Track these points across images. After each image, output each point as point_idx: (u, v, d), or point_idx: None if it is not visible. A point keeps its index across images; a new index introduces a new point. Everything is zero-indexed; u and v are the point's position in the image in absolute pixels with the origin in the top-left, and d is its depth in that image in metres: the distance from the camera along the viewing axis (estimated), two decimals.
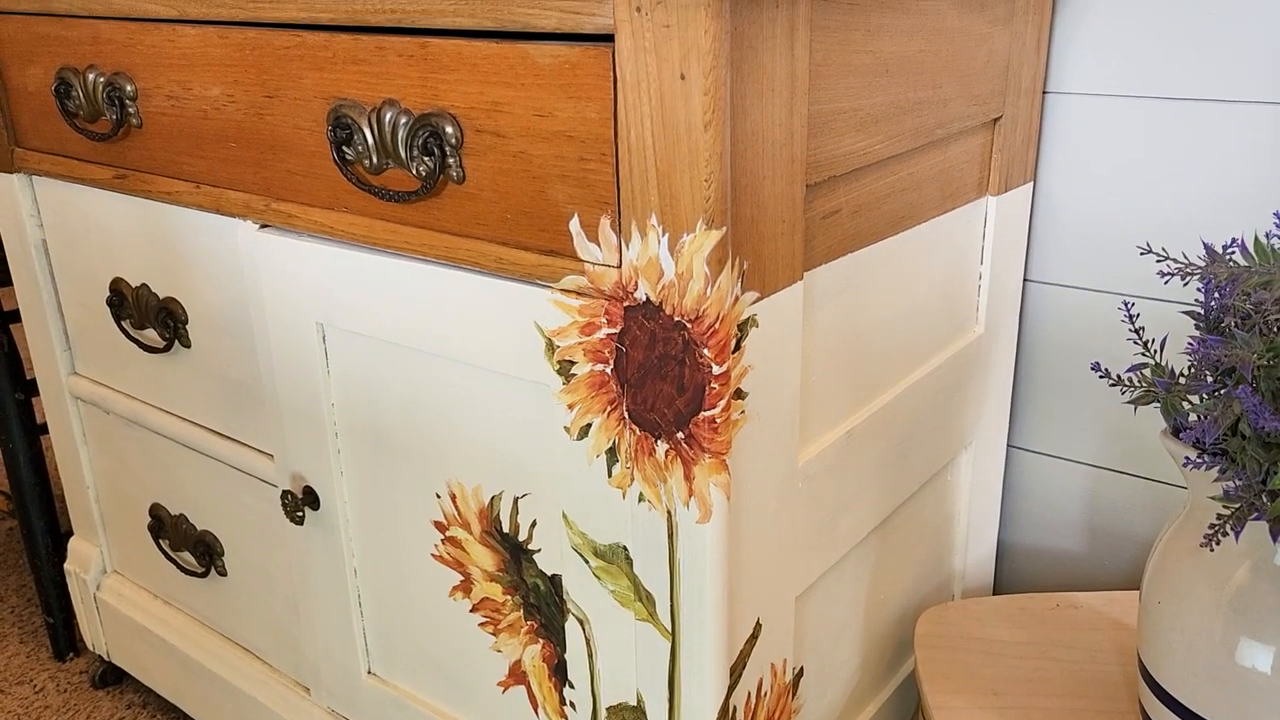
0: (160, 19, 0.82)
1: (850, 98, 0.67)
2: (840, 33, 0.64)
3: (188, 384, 0.98)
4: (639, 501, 0.66)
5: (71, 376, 1.12)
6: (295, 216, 0.79)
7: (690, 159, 0.56)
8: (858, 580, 0.85)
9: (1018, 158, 0.92)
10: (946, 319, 0.89)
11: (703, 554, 0.64)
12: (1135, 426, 1.00)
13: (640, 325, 0.62)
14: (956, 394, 0.92)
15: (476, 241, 0.69)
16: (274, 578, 0.99)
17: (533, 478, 0.73)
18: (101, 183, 0.95)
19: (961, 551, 1.03)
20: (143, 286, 0.98)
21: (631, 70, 0.57)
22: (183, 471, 1.04)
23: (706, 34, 0.53)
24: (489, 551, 0.78)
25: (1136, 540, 1.04)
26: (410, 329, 0.75)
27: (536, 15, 0.60)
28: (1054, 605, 0.92)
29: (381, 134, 0.70)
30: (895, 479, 0.85)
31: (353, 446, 0.85)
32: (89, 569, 1.21)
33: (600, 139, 0.60)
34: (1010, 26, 0.84)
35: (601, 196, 0.61)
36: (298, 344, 0.83)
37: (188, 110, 0.84)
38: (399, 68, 0.68)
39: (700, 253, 0.58)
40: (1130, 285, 0.96)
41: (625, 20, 0.56)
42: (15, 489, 1.26)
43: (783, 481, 0.69)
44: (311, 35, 0.72)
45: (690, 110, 0.55)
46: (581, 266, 0.64)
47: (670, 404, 0.62)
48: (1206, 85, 0.89)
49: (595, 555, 0.71)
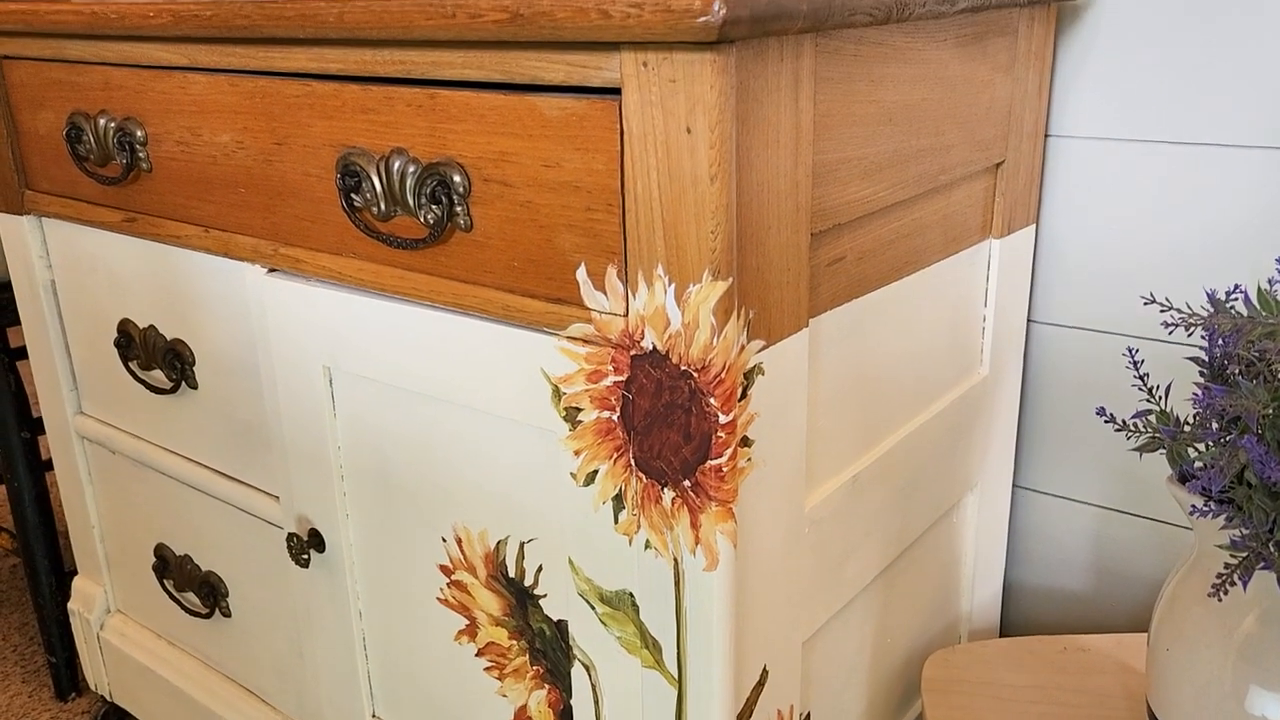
0: (172, 66, 0.83)
1: (854, 147, 0.67)
2: (844, 84, 0.65)
3: (194, 425, 0.99)
4: (645, 549, 0.66)
5: (78, 416, 1.13)
6: (303, 261, 0.80)
7: (696, 211, 0.57)
8: (864, 624, 0.85)
9: (1020, 200, 0.92)
10: (951, 361, 0.89)
11: (709, 602, 0.64)
12: (1141, 468, 1.00)
13: (647, 374, 0.62)
14: (962, 436, 0.92)
15: (484, 289, 0.69)
16: (278, 619, 0.99)
17: (539, 523, 0.73)
18: (111, 225, 0.96)
19: (968, 593, 1.02)
20: (150, 328, 0.99)
21: (638, 123, 0.57)
22: (188, 512, 1.04)
23: (712, 89, 0.54)
24: (495, 596, 0.78)
25: (1143, 581, 1.03)
26: (417, 373, 0.75)
27: (544, 69, 0.60)
28: (1061, 648, 0.92)
29: (390, 182, 0.71)
30: (901, 522, 0.85)
31: (358, 489, 0.85)
32: (93, 608, 1.20)
33: (607, 190, 0.60)
34: (1012, 73, 0.85)
35: (608, 246, 0.62)
36: (304, 387, 0.84)
37: (197, 155, 0.85)
38: (407, 117, 0.69)
39: (706, 303, 0.58)
40: (1134, 326, 0.96)
41: (632, 75, 0.57)
42: (20, 527, 1.26)
43: (789, 527, 0.69)
44: (321, 84, 0.73)
45: (696, 163, 0.56)
46: (588, 315, 0.64)
47: (677, 452, 0.62)
48: (1206, 130, 0.90)
49: (601, 601, 0.71)
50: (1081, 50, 0.93)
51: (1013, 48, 0.84)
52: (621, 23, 0.52)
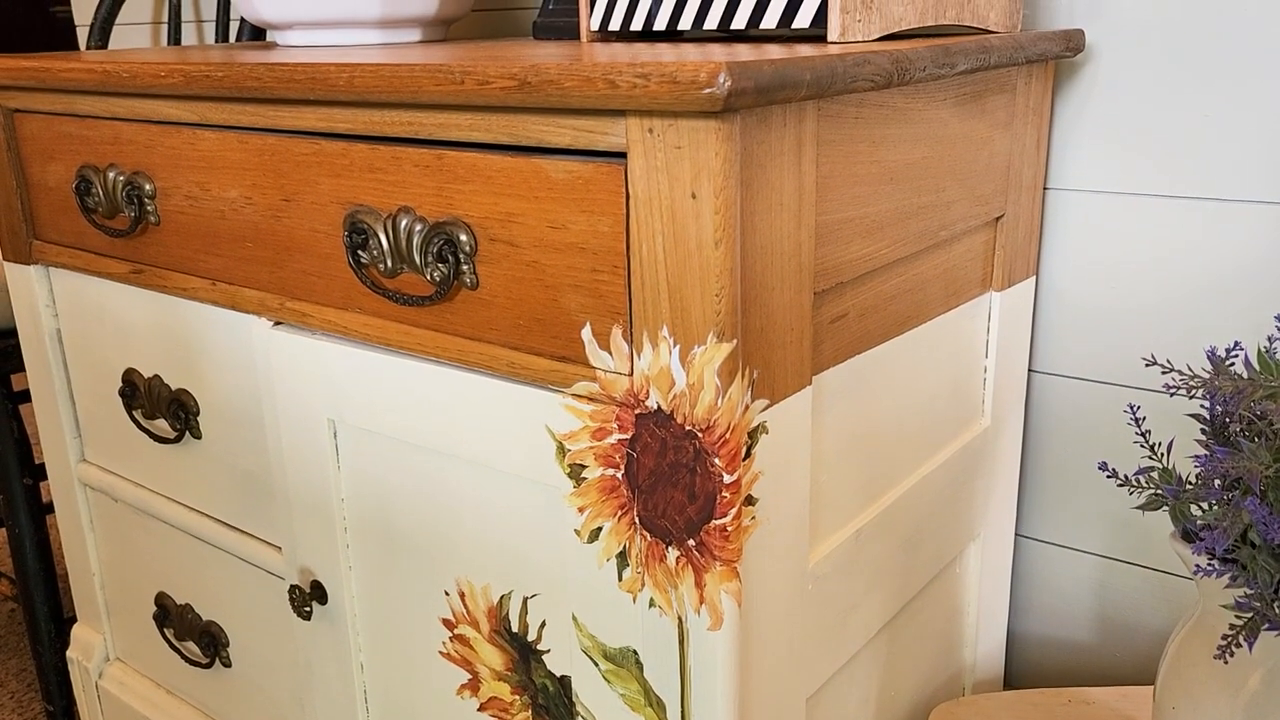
0: (182, 123, 0.84)
1: (856, 206, 0.68)
2: (846, 145, 0.66)
3: (197, 474, 0.99)
4: (649, 607, 0.66)
5: (81, 464, 1.13)
6: (309, 316, 0.80)
7: (701, 274, 0.57)
8: (868, 678, 0.84)
9: (1020, 253, 0.93)
10: (953, 413, 0.90)
11: (714, 662, 0.64)
12: (1143, 518, 1.00)
13: (651, 433, 0.62)
14: (964, 487, 0.92)
15: (489, 345, 0.70)
16: (279, 670, 0.99)
17: (542, 578, 0.73)
18: (118, 277, 0.96)
19: (972, 644, 1.02)
20: (155, 377, 0.99)
21: (644, 188, 0.58)
22: (190, 561, 1.04)
23: (717, 156, 0.55)
24: (497, 650, 0.78)
25: (1146, 631, 1.03)
26: (421, 428, 0.76)
27: (550, 132, 0.61)
28: (1066, 701, 0.91)
29: (396, 240, 0.71)
30: (904, 575, 0.85)
31: (362, 541, 0.85)
32: (92, 657, 1.20)
33: (612, 251, 0.61)
34: (1010, 129, 0.86)
35: (613, 306, 0.62)
36: (309, 439, 0.84)
37: (205, 210, 0.86)
38: (414, 177, 0.70)
39: (711, 364, 0.58)
40: (1133, 377, 0.97)
41: (638, 140, 0.57)
42: (20, 574, 1.25)
43: (793, 584, 0.69)
44: (329, 143, 0.74)
45: (701, 228, 0.57)
46: (593, 373, 0.64)
47: (681, 511, 0.62)
48: (1203, 184, 0.91)
49: (605, 658, 0.70)
50: (1079, 104, 0.95)
51: (1011, 104, 0.85)
52: (628, 93, 0.53)
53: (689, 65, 0.51)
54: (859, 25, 0.73)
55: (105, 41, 1.48)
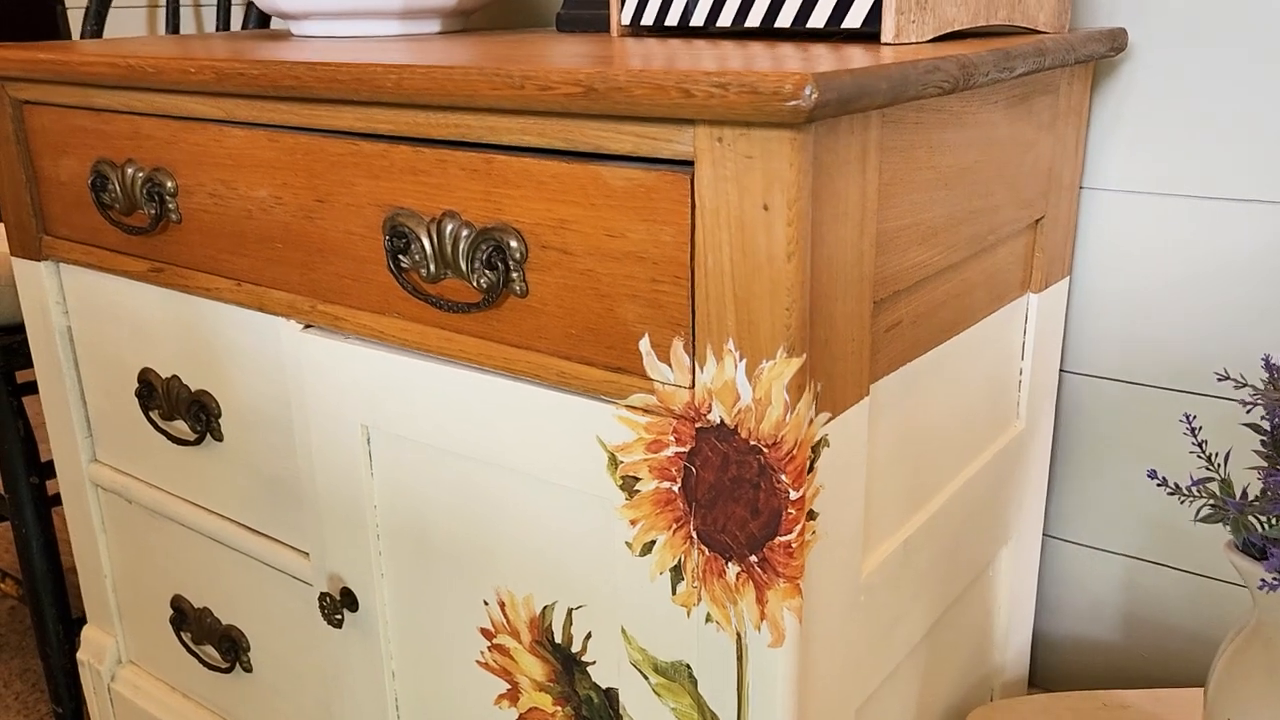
0: (207, 119, 0.82)
1: (914, 213, 0.67)
2: (906, 152, 0.64)
3: (218, 477, 0.97)
4: (706, 622, 0.65)
5: (92, 464, 1.10)
6: (343, 319, 0.78)
7: (771, 288, 0.56)
8: (909, 685, 0.84)
9: (1058, 254, 0.92)
10: (991, 416, 0.89)
11: (774, 678, 0.63)
12: (1169, 518, 1.00)
13: (713, 447, 0.61)
14: (1001, 491, 0.91)
15: (537, 354, 0.68)
16: (304, 676, 0.97)
17: (589, 590, 0.72)
18: (136, 275, 0.94)
19: (1002, 645, 1.01)
20: (174, 378, 0.97)
21: (711, 198, 0.56)
22: (208, 564, 1.02)
23: (792, 167, 0.53)
24: (539, 661, 0.77)
25: (1175, 631, 1.03)
26: (462, 436, 0.74)
27: (610, 139, 0.60)
28: (1100, 705, 0.91)
29: (441, 245, 0.69)
30: (945, 581, 0.84)
31: (395, 548, 0.83)
32: (104, 659, 1.18)
33: (675, 262, 0.59)
34: (1054, 130, 0.85)
35: (674, 318, 0.61)
36: (340, 445, 0.82)
37: (231, 209, 0.83)
38: (461, 181, 0.68)
39: (780, 380, 0.57)
40: (1163, 377, 0.96)
41: (706, 150, 0.56)
42: (27, 576, 1.23)
43: (847, 596, 0.68)
44: (368, 144, 0.72)
45: (773, 241, 0.55)
46: (650, 385, 0.63)
47: (743, 527, 0.61)
48: (1242, 185, 0.90)
49: (656, 671, 0.69)
50: (1116, 103, 0.94)
51: (1055, 105, 0.84)
52: (704, 102, 0.52)
53: (771, 76, 0.49)
54: (913, 26, 0.71)
55: (101, 25, 1.44)
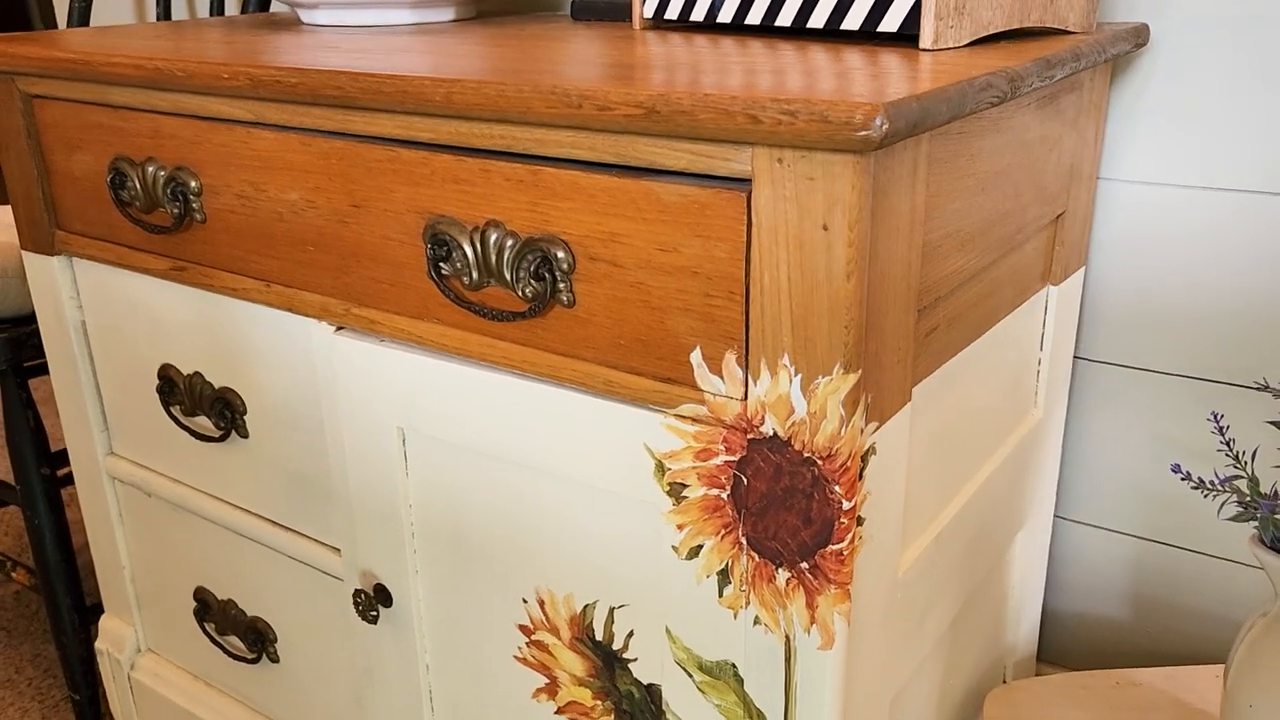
0: (235, 120, 0.81)
1: (955, 221, 0.68)
2: (950, 162, 0.65)
3: (243, 473, 0.97)
4: (754, 624, 0.66)
5: (109, 457, 1.10)
6: (379, 323, 0.79)
7: (830, 307, 0.57)
8: (934, 672, 0.86)
9: (1075, 246, 0.94)
10: (1011, 407, 0.90)
11: (823, 679, 0.65)
12: (1176, 500, 1.03)
13: (765, 458, 0.62)
14: (1020, 478, 0.93)
15: (583, 363, 0.69)
16: (334, 667, 0.98)
17: (631, 590, 0.73)
18: (157, 273, 0.93)
19: (1014, 625, 1.04)
20: (196, 375, 0.97)
21: (769, 217, 0.57)
22: (233, 557, 1.03)
23: (854, 189, 0.54)
24: (579, 658, 0.78)
25: (1182, 610, 1.06)
26: (502, 440, 0.75)
27: (664, 156, 0.60)
28: (1114, 683, 0.94)
29: (485, 253, 0.70)
30: (970, 571, 0.86)
31: (430, 547, 0.84)
32: (123, 648, 1.18)
33: (729, 278, 0.60)
34: (1077, 126, 0.86)
35: (727, 332, 0.61)
36: (375, 446, 0.83)
37: (260, 211, 0.83)
38: (505, 191, 0.68)
39: (836, 395, 0.58)
40: (1173, 364, 0.99)
41: (765, 169, 0.56)
42: (40, 566, 1.23)
43: (886, 594, 0.70)
44: (408, 151, 0.72)
45: (832, 260, 0.56)
46: (700, 396, 0.64)
47: (795, 535, 0.63)
48: (1256, 178, 0.91)
49: (700, 670, 0.71)
50: (1134, 96, 0.95)
51: (1079, 102, 0.85)
52: (771, 129, 0.52)
53: (841, 105, 0.50)
54: (951, 31, 0.71)
55: (87, 10, 1.40)
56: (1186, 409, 0.99)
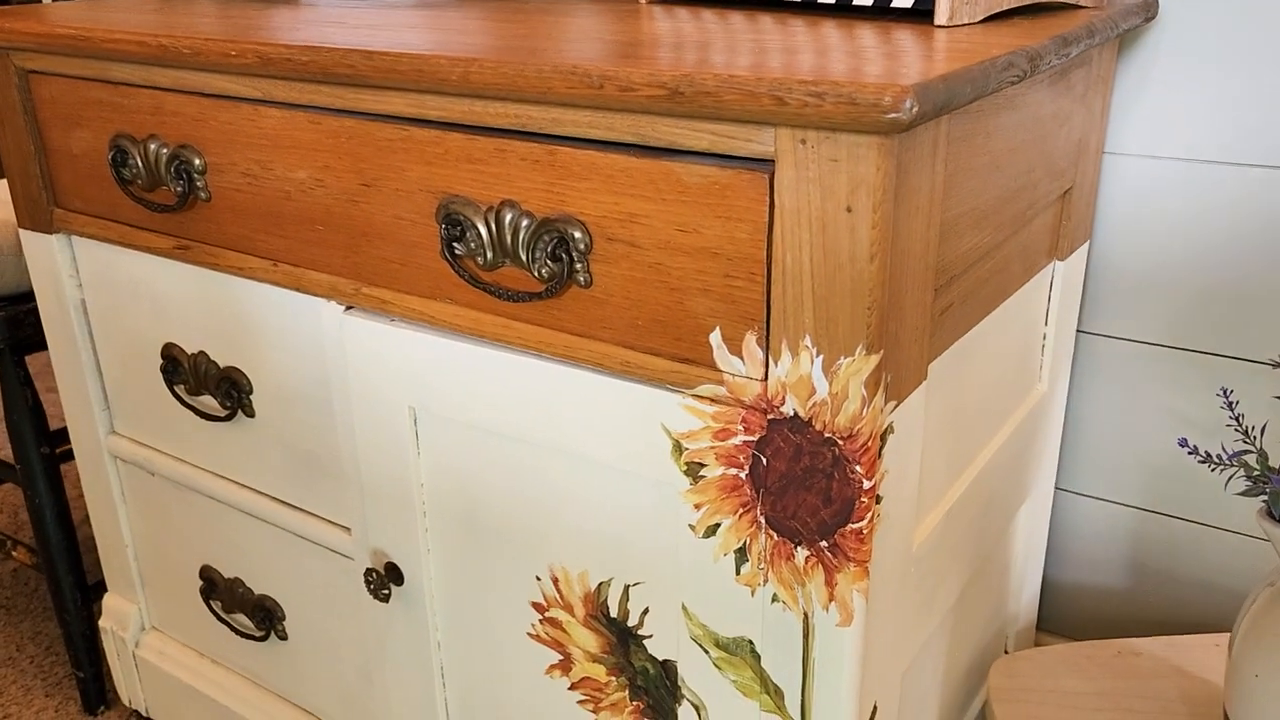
0: (240, 98, 0.80)
1: (971, 199, 0.68)
2: (967, 140, 0.65)
3: (249, 452, 0.97)
4: (772, 602, 0.67)
5: (111, 436, 1.10)
6: (389, 303, 0.78)
7: (853, 288, 0.57)
8: (941, 643, 0.87)
9: (1081, 221, 0.94)
10: (1018, 381, 0.91)
11: (841, 654, 0.65)
12: (1176, 472, 1.04)
13: (785, 438, 0.62)
14: (1025, 451, 0.94)
15: (599, 343, 0.69)
16: (342, 644, 0.99)
17: (647, 568, 0.74)
18: (161, 251, 0.92)
19: (1016, 595, 1.06)
20: (201, 354, 0.96)
21: (792, 199, 0.57)
22: (239, 536, 1.03)
23: (878, 171, 0.54)
24: (593, 634, 0.79)
25: (1179, 578, 1.08)
26: (515, 420, 0.75)
27: (685, 136, 0.60)
28: (1115, 652, 0.96)
29: (500, 234, 0.69)
30: (977, 544, 0.87)
31: (442, 525, 0.84)
32: (127, 626, 1.18)
33: (750, 259, 0.60)
34: (1085, 100, 0.86)
35: (747, 313, 0.61)
36: (386, 425, 0.83)
37: (267, 189, 0.82)
38: (521, 171, 0.67)
39: (858, 376, 0.58)
40: (1172, 336, 0.99)
41: (788, 151, 0.56)
42: (42, 544, 1.23)
43: (900, 569, 0.71)
44: (420, 130, 0.71)
45: (856, 243, 0.56)
46: (720, 376, 0.64)
47: (814, 514, 0.63)
48: (1261, 151, 0.92)
49: (717, 646, 0.72)
50: (1141, 71, 0.95)
51: (1088, 76, 0.85)
52: (798, 110, 0.52)
53: (869, 87, 0.50)
54: (966, 8, 0.71)
55: None
56: (1185, 381, 1.00)
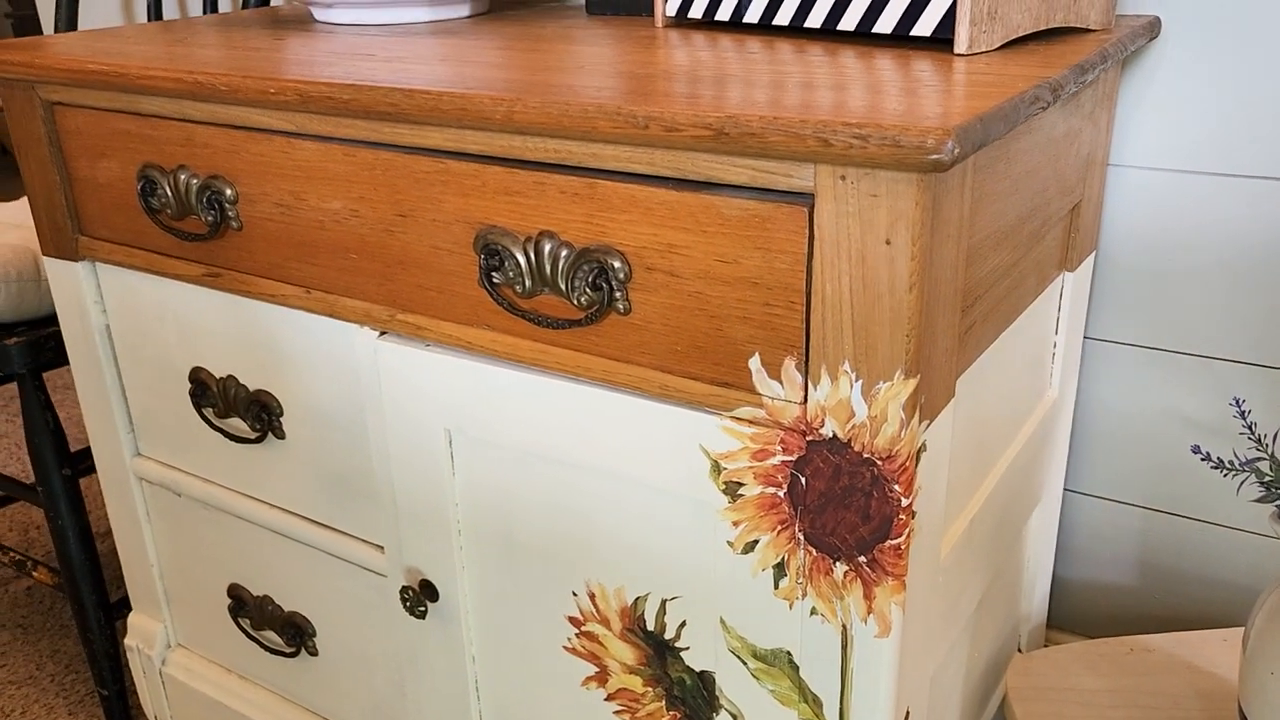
0: (274, 130, 0.82)
1: (993, 222, 0.70)
2: (991, 167, 0.68)
3: (280, 473, 0.98)
4: (810, 615, 0.70)
5: (136, 458, 1.11)
6: (425, 329, 0.80)
7: (892, 317, 0.59)
8: (963, 648, 0.90)
9: (1089, 232, 0.97)
10: (1030, 390, 0.94)
11: (879, 664, 0.68)
12: (1182, 473, 1.07)
13: (824, 458, 0.65)
14: (1037, 457, 0.97)
15: (639, 368, 0.71)
16: (374, 659, 1.00)
17: (683, 583, 0.76)
18: (190, 279, 0.94)
19: (1029, 595, 1.09)
20: (229, 378, 0.98)
21: (831, 231, 0.59)
22: (268, 555, 1.04)
23: (917, 206, 0.56)
24: (630, 647, 0.81)
25: (1186, 576, 1.11)
26: (552, 441, 0.77)
27: (725, 171, 0.62)
28: (1128, 650, 0.99)
29: (539, 263, 0.71)
30: (996, 549, 0.90)
31: (477, 544, 0.86)
32: (153, 644, 1.20)
33: (789, 288, 0.62)
34: (1093, 118, 0.89)
35: (786, 340, 0.64)
36: (421, 447, 0.84)
37: (300, 219, 0.84)
38: (560, 203, 0.69)
39: (897, 399, 0.61)
40: (1176, 342, 1.03)
41: (828, 186, 0.58)
42: (65, 566, 1.24)
43: (929, 579, 0.73)
44: (457, 163, 0.73)
45: (895, 274, 0.58)
46: (759, 400, 0.66)
47: (853, 531, 0.66)
48: (1259, 163, 0.95)
49: (755, 657, 0.74)
50: (1142, 85, 0.97)
51: (1095, 95, 0.88)
52: (842, 151, 0.54)
53: (912, 130, 0.52)
54: (984, 36, 0.74)
55: (74, 14, 1.38)
56: (1188, 384, 1.03)
